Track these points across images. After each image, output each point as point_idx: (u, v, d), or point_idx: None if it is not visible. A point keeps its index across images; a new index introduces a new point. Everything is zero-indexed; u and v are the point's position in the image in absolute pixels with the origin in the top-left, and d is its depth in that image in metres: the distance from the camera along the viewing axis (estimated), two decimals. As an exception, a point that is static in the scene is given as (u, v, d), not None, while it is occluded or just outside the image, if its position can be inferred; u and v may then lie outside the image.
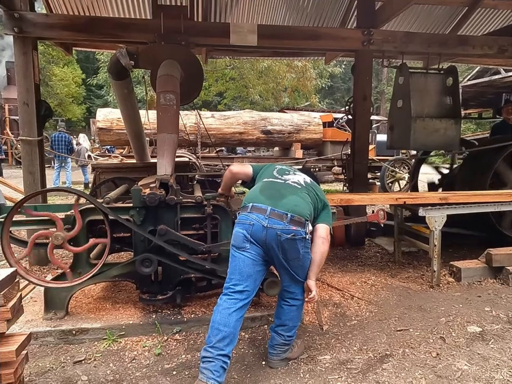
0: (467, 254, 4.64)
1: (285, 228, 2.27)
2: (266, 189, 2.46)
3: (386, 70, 24.37)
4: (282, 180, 2.53)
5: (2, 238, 2.65)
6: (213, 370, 2.12)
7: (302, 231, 2.31)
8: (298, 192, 2.45)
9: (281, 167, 2.71)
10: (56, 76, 25.63)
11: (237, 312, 2.28)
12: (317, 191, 2.59)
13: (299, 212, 2.32)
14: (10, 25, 3.89)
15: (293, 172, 2.68)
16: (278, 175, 2.58)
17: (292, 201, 2.35)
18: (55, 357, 2.57)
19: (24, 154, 4.20)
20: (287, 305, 2.49)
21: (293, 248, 2.31)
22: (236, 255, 2.36)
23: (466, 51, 4.83)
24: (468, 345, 2.73)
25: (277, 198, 2.36)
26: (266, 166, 2.76)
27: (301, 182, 2.55)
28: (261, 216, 2.29)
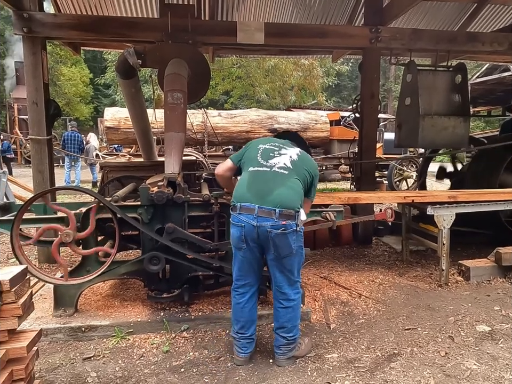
0: (476, 253, 4.60)
1: (275, 224, 2.28)
2: (253, 183, 2.39)
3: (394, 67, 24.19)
4: (268, 167, 2.42)
5: (13, 236, 2.69)
6: (241, 347, 2.51)
7: (292, 224, 2.32)
8: (286, 181, 2.37)
9: (265, 146, 2.54)
10: (64, 75, 25.80)
11: (247, 303, 2.50)
12: (306, 167, 2.50)
13: (288, 205, 2.31)
14: (20, 25, 3.93)
15: (278, 150, 2.52)
16: (263, 160, 2.46)
17: (280, 195, 2.32)
18: (64, 354, 2.60)
19: (34, 153, 4.25)
20: (282, 308, 2.48)
21: (284, 243, 2.33)
22: (236, 254, 2.47)
23: (475, 48, 4.78)
24: (477, 345, 2.71)
25: (264, 193, 2.33)
26: (249, 147, 2.61)
27: (288, 164, 2.44)
28: (250, 217, 2.31)
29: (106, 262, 2.86)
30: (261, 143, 2.60)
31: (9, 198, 5.90)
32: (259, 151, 2.52)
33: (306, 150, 2.75)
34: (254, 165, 2.46)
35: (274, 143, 2.60)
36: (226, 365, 2.49)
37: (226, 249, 3.03)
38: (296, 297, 2.50)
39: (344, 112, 14.38)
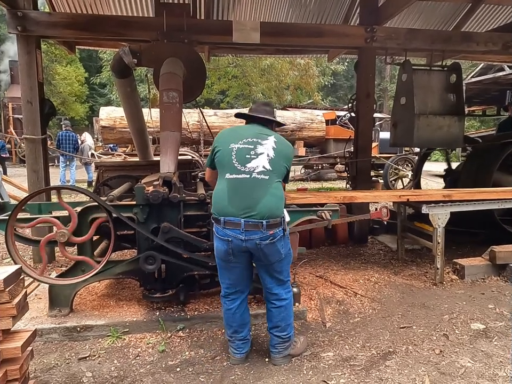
0: (470, 252, 4.62)
1: (263, 236, 2.26)
2: (234, 195, 2.29)
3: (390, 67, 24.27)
4: (247, 173, 2.29)
5: (7, 236, 2.67)
6: (237, 348, 2.52)
7: (279, 230, 2.32)
8: (269, 188, 2.29)
9: (238, 146, 2.36)
10: (59, 74, 25.66)
11: (238, 309, 2.49)
12: (284, 159, 2.40)
13: (273, 215, 2.28)
14: (14, 24, 3.91)
15: (254, 148, 2.35)
16: (239, 165, 2.31)
17: (265, 206, 2.26)
18: (59, 354, 2.59)
19: (28, 152, 4.22)
20: (274, 308, 2.48)
21: (273, 251, 2.32)
22: (222, 265, 2.43)
23: (470, 48, 4.81)
24: (471, 342, 2.73)
25: (249, 206, 2.25)
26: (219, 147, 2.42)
27: (267, 166, 2.32)
28: (236, 231, 2.26)
29: (102, 262, 2.85)
30: (232, 142, 2.39)
31: (4, 198, 5.87)
32: (233, 153, 2.35)
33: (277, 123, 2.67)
34: (232, 172, 2.32)
35: (247, 138, 2.40)
36: (222, 364, 2.49)
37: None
38: (288, 296, 2.50)
39: (340, 112, 14.42)
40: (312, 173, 12.81)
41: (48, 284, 2.87)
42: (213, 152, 2.48)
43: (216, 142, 2.48)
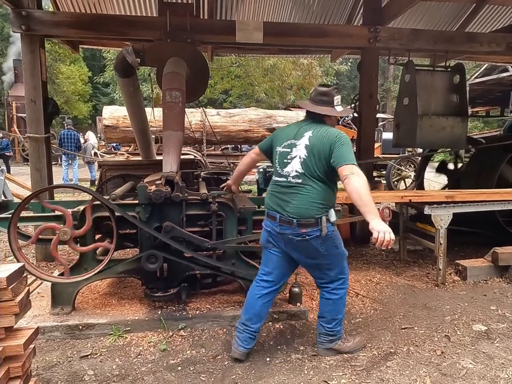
0: (473, 253, 4.61)
1: (294, 232, 2.37)
2: (274, 194, 2.50)
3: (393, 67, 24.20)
4: (284, 176, 2.44)
5: (10, 234, 2.68)
6: (243, 340, 2.53)
7: (315, 230, 2.35)
8: (301, 190, 2.37)
9: (281, 150, 2.48)
10: (63, 73, 25.74)
11: (262, 297, 2.57)
12: (320, 151, 2.34)
13: (304, 215, 2.34)
14: (18, 23, 3.92)
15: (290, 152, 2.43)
16: (280, 169, 2.47)
17: (295, 207, 2.36)
18: (61, 352, 2.60)
19: (32, 151, 4.24)
20: (323, 298, 2.59)
21: (309, 247, 2.40)
22: (264, 251, 2.62)
23: (473, 48, 4.79)
24: (473, 344, 2.72)
25: (283, 204, 2.41)
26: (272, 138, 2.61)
27: (299, 169, 2.37)
28: (273, 224, 2.45)
29: (104, 260, 2.86)
30: (277, 145, 2.54)
31: (7, 196, 5.89)
32: (277, 156, 2.53)
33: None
34: (275, 174, 2.55)
35: (287, 140, 2.49)
36: (223, 363, 2.50)
37: (224, 248, 3.04)
38: (338, 292, 2.55)
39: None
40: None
41: (50, 282, 2.88)
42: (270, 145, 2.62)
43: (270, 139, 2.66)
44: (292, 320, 3.01)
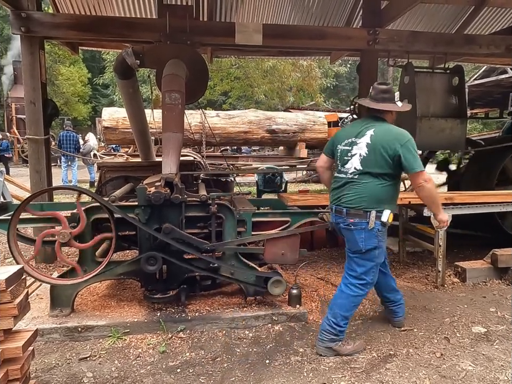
0: (472, 255, 4.61)
1: (344, 221, 2.60)
2: (334, 187, 2.71)
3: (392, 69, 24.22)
4: (344, 173, 2.62)
5: (9, 236, 2.68)
6: None
7: (362, 222, 2.51)
8: (355, 184, 2.55)
9: (342, 148, 2.66)
10: (63, 75, 25.76)
11: None
12: (382, 149, 2.46)
13: (354, 206, 2.53)
14: (18, 24, 3.93)
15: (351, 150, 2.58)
16: (340, 166, 2.66)
17: (349, 197, 2.57)
18: (60, 354, 2.60)
19: (31, 152, 4.24)
20: (340, 290, 2.69)
21: (351, 238, 2.59)
22: None
23: (472, 50, 4.80)
24: (472, 346, 2.72)
25: (339, 196, 2.64)
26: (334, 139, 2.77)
27: (358, 166, 2.52)
28: (332, 214, 2.74)
29: (103, 262, 2.85)
30: (338, 143, 2.71)
31: (6, 198, 5.88)
32: (338, 154, 2.70)
33: None
34: (336, 171, 2.73)
35: (348, 138, 2.64)
36: (222, 366, 2.49)
37: (223, 249, 3.03)
38: (355, 290, 2.61)
39: (342, 114, 14.41)
40: (314, 175, 12.79)
41: (49, 284, 2.87)
42: (333, 145, 2.77)
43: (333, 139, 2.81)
44: (291, 322, 3.00)
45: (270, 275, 3.07)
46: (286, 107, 17.70)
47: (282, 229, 3.19)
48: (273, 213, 3.30)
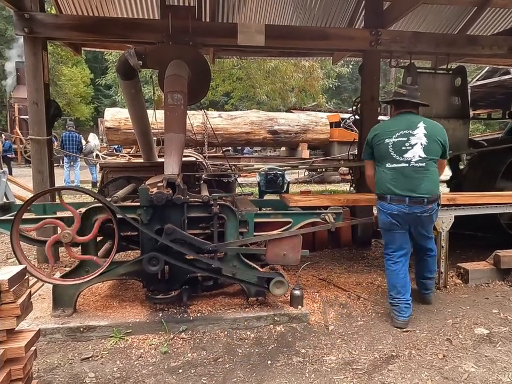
0: (475, 256, 4.59)
1: (424, 210, 2.89)
2: (398, 179, 2.89)
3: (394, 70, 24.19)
4: (405, 162, 2.86)
5: (12, 236, 2.69)
6: (400, 311, 2.97)
7: (436, 205, 2.95)
8: (426, 173, 2.86)
9: (394, 140, 2.90)
10: (65, 75, 25.86)
11: (401, 270, 3.06)
12: (437, 139, 2.90)
13: (432, 193, 2.89)
14: (21, 25, 3.94)
15: (408, 140, 2.86)
16: (397, 156, 2.88)
17: (426, 189, 2.87)
18: (63, 354, 2.60)
19: (34, 153, 4.25)
20: (429, 257, 3.25)
21: (429, 221, 3.02)
22: (386, 233, 3.09)
23: (475, 51, 4.79)
24: (475, 347, 2.71)
25: (411, 188, 2.87)
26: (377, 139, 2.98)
27: (422, 154, 2.84)
28: (401, 206, 2.89)
29: (106, 263, 2.86)
30: (387, 136, 2.93)
31: (9, 198, 5.90)
32: (389, 146, 2.91)
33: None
34: (391, 162, 2.92)
35: (400, 131, 2.90)
36: (224, 366, 2.49)
37: (225, 250, 3.03)
38: (434, 253, 3.27)
39: (344, 114, 14.40)
40: (315, 176, 12.80)
41: (52, 284, 2.88)
42: (371, 146, 3.05)
43: (373, 137, 3.02)
44: (293, 323, 3.00)
45: (272, 276, 3.07)
46: (288, 108, 17.70)
47: (284, 229, 3.19)
48: (275, 213, 3.30)
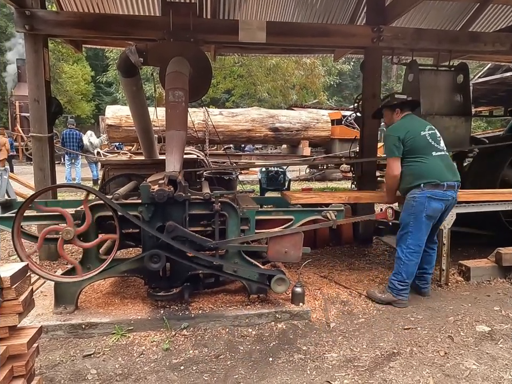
0: (476, 253, 4.59)
1: (455, 194, 3.25)
2: (446, 165, 3.21)
3: (396, 67, 24.15)
4: (442, 150, 3.24)
5: (14, 233, 2.69)
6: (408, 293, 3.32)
7: None
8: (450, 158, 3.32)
9: (428, 132, 3.24)
10: (66, 73, 25.84)
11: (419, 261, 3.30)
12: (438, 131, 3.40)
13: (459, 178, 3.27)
14: (22, 22, 3.94)
15: (435, 131, 3.29)
16: (437, 145, 3.23)
17: (456, 172, 3.27)
18: (65, 351, 2.61)
19: (35, 150, 4.25)
20: (434, 252, 3.47)
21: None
22: (427, 223, 3.21)
23: (477, 48, 4.77)
24: (476, 345, 2.71)
25: (455, 173, 3.24)
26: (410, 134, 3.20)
27: (444, 144, 3.28)
28: (453, 192, 3.21)
29: (107, 260, 2.86)
30: (420, 130, 3.25)
31: (10, 195, 5.90)
32: (428, 138, 3.22)
33: None
34: (436, 150, 3.21)
35: (426, 125, 3.32)
36: (226, 363, 2.50)
37: (226, 247, 3.03)
38: None
39: (345, 112, 14.37)
40: (317, 173, 12.80)
41: (53, 281, 2.88)
42: (403, 143, 3.21)
43: (406, 133, 3.21)
44: (294, 320, 3.00)
45: (273, 273, 3.07)
46: (289, 105, 17.68)
47: (286, 227, 3.19)
48: (277, 211, 3.29)
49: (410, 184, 3.24)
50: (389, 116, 3.53)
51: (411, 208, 3.21)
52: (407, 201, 3.28)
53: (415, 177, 3.20)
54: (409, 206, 3.24)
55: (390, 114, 3.52)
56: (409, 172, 3.25)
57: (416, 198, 3.19)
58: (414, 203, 3.20)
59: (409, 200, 3.25)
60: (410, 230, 3.22)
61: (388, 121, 3.57)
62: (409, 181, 3.24)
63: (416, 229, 3.20)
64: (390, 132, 3.35)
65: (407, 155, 3.23)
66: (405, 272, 3.25)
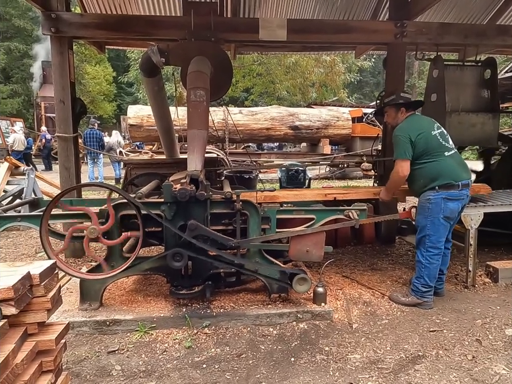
0: (504, 254, 4.45)
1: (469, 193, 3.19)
2: (459, 164, 3.17)
3: (418, 63, 23.61)
4: (452, 147, 3.18)
5: (42, 231, 2.76)
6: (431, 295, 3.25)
7: None
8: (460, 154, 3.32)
9: (438, 131, 3.18)
10: (89, 74, 26.41)
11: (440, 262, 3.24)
12: None
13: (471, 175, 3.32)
14: (48, 25, 4.03)
15: (442, 130, 3.22)
16: (448, 144, 3.16)
17: (468, 169, 3.25)
18: (90, 347, 2.66)
19: (60, 150, 4.35)
20: (449, 251, 3.38)
21: None
22: (445, 224, 3.15)
23: (506, 42, 4.61)
24: (506, 349, 2.62)
25: (466, 170, 3.20)
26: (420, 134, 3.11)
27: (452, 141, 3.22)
28: (467, 190, 3.15)
29: (130, 258, 2.91)
30: (431, 129, 3.17)
31: (37, 194, 6.08)
32: (438, 137, 3.15)
33: None
34: (448, 150, 3.15)
35: (433, 124, 3.24)
36: (247, 362, 2.49)
37: (248, 246, 3.03)
38: None
39: (366, 109, 14.15)
40: (337, 171, 12.65)
41: (79, 278, 2.95)
42: (414, 144, 3.11)
43: (417, 134, 3.11)
44: (316, 320, 2.98)
45: (295, 272, 3.05)
46: (308, 103, 17.53)
47: (307, 226, 3.16)
48: (298, 210, 3.27)
49: (425, 186, 3.16)
50: (393, 114, 3.37)
51: (427, 211, 3.13)
52: (422, 204, 3.19)
53: (430, 179, 3.12)
54: (425, 208, 3.15)
55: (394, 113, 3.36)
56: (423, 173, 3.16)
57: (431, 200, 3.11)
58: (430, 205, 3.12)
59: (424, 202, 3.16)
60: (428, 233, 3.15)
61: (391, 120, 3.42)
62: (424, 183, 3.16)
63: (434, 231, 3.13)
64: (400, 132, 3.19)
65: (420, 156, 3.13)
66: (427, 275, 3.18)
